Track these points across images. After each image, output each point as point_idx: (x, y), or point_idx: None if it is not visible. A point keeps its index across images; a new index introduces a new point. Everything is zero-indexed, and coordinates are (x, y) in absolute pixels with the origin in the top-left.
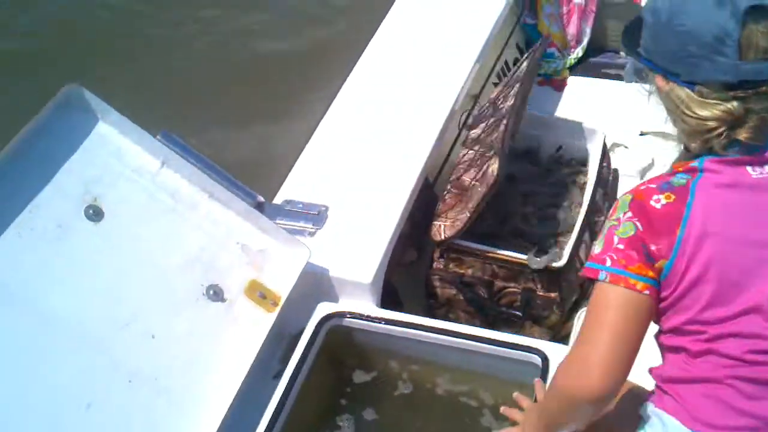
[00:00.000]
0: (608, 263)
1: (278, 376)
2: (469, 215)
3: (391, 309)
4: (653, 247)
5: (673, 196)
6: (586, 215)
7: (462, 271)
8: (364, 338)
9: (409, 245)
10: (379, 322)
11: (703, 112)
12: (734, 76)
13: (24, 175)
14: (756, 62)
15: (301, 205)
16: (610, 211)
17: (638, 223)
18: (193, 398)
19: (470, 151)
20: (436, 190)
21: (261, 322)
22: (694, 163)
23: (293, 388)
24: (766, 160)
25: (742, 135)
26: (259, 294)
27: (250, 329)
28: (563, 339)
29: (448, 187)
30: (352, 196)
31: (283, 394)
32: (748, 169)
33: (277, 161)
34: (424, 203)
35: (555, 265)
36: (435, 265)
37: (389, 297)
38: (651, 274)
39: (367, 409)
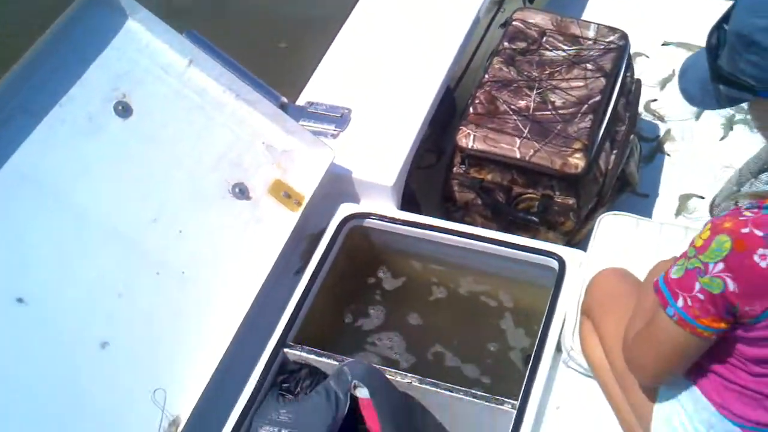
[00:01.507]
0: (680, 304)
1: (299, 272)
2: (504, 153)
3: (409, 211)
4: (746, 308)
5: None
6: (607, 125)
7: (482, 177)
8: (385, 239)
9: (428, 149)
10: (401, 224)
11: None
12: None
13: (54, 69)
14: None
15: (324, 107)
16: (698, 244)
17: (731, 283)
18: (218, 291)
19: (506, 69)
20: (456, 95)
21: (285, 221)
22: None
23: (315, 283)
24: None
25: None
26: (284, 194)
27: (274, 227)
28: (577, 245)
29: (477, 94)
30: (374, 100)
31: (305, 288)
32: None
33: (297, 66)
34: (444, 108)
35: (573, 171)
36: (455, 169)
37: (407, 199)
38: (723, 325)
39: (390, 309)
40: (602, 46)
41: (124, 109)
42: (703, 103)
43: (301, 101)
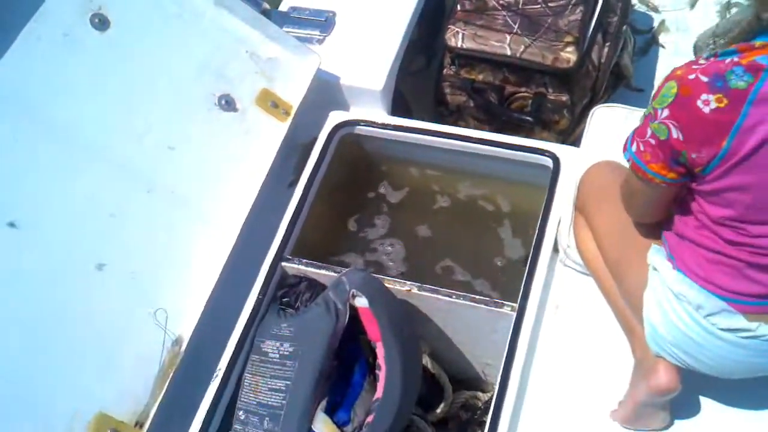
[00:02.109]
0: (634, 148)
1: (293, 184)
2: (494, 51)
3: (401, 117)
4: (693, 155)
5: (726, 101)
6: (598, 16)
7: (473, 77)
8: (377, 146)
9: (418, 52)
10: (392, 129)
11: None
12: None
13: None
14: None
15: (307, 12)
16: (654, 91)
17: (675, 129)
18: (212, 206)
19: None
20: None
21: (274, 132)
22: (762, 58)
23: (309, 194)
24: None
25: None
26: (271, 103)
27: (264, 138)
28: (573, 143)
29: None
30: (359, 1)
31: (300, 200)
32: None
33: None
34: (432, 9)
35: (565, 66)
36: (445, 71)
37: (398, 105)
38: (673, 175)
39: (394, 219)
40: None
41: (101, 22)
42: None
43: (283, 7)
